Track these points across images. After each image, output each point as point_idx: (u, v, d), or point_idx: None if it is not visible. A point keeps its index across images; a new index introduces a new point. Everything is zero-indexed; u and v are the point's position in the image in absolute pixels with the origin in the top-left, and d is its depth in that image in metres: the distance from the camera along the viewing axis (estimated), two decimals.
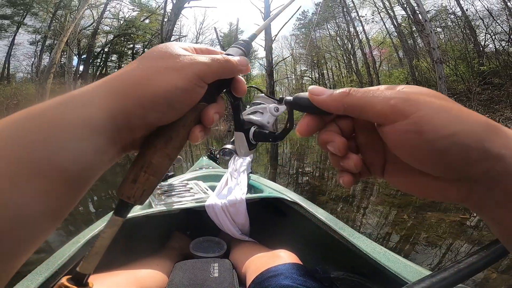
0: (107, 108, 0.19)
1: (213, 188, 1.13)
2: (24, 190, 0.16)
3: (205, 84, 0.23)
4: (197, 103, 0.24)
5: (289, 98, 0.27)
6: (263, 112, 0.31)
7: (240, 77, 0.28)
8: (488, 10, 12.88)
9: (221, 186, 1.07)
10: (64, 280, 0.21)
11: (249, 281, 0.69)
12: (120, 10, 20.82)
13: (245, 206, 0.96)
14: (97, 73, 20.58)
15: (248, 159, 1.26)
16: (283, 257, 0.72)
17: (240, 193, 0.99)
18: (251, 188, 1.23)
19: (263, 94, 0.33)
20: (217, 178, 1.36)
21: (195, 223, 1.10)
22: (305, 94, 0.25)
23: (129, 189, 0.22)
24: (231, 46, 0.30)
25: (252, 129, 0.31)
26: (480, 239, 1.94)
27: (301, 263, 0.70)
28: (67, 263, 0.64)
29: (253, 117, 0.31)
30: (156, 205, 0.93)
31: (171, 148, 0.23)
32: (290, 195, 1.00)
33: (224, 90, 0.28)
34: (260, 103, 0.32)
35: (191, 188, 1.14)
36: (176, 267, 0.78)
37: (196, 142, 0.25)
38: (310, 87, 0.24)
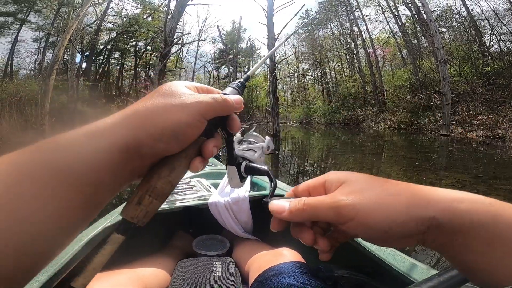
0: (122, 139, 0.22)
1: (216, 186, 1.12)
2: (47, 209, 0.19)
3: (205, 120, 0.27)
4: (198, 137, 0.27)
5: (266, 200, 0.31)
6: (256, 151, 0.36)
7: (235, 115, 0.31)
8: (494, 11, 12.76)
9: (224, 183, 1.06)
10: None
11: (252, 279, 0.69)
12: (123, 7, 20.89)
13: (248, 204, 0.95)
14: (100, 70, 20.63)
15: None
16: (286, 255, 0.72)
17: (243, 191, 0.98)
18: (254, 185, 1.23)
19: (256, 134, 0.39)
20: (220, 175, 1.35)
21: (198, 221, 1.10)
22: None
23: (134, 210, 0.24)
24: (227, 86, 0.34)
25: (244, 163, 0.35)
26: None
27: (304, 262, 0.70)
28: (70, 262, 0.65)
29: (247, 154, 0.35)
30: None
31: (174, 176, 0.26)
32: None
33: (220, 127, 0.31)
34: (253, 142, 0.37)
35: (194, 186, 1.14)
36: (179, 265, 0.78)
37: (195, 172, 0.28)
38: (270, 206, 0.29)
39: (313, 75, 28.95)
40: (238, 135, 0.44)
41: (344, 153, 6.92)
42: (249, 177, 1.13)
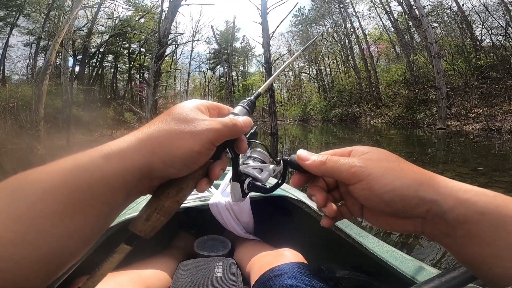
0: (137, 164, 0.24)
1: (217, 187, 1.11)
2: (68, 226, 0.21)
3: (214, 147, 0.28)
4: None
5: (286, 157, 0.34)
6: (262, 170, 0.37)
7: (243, 136, 0.32)
8: (484, 5, 12.87)
9: (225, 184, 1.05)
10: None
11: (253, 280, 0.69)
12: (115, 10, 20.73)
13: (249, 204, 0.95)
14: (93, 74, 20.47)
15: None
16: (288, 256, 0.71)
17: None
18: None
19: (265, 153, 0.39)
20: (221, 176, 1.34)
21: (199, 222, 1.09)
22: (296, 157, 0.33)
23: (142, 225, 0.26)
24: (238, 105, 0.35)
25: (247, 180, 0.36)
26: None
27: (306, 262, 0.70)
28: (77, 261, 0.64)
29: (255, 173, 0.36)
30: None
31: (181, 196, 0.28)
32: (295, 193, 0.99)
33: (228, 147, 0.32)
34: (261, 160, 0.38)
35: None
36: (180, 266, 0.78)
37: (201, 192, 0.30)
38: (299, 152, 0.33)
39: (308, 72, 29.01)
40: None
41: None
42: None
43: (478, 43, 12.86)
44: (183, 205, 0.92)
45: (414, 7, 11.55)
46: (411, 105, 13.06)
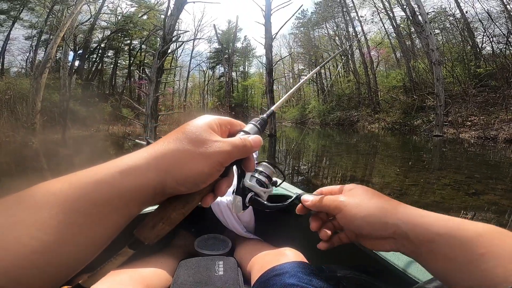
0: (152, 182, 0.25)
1: None
2: (87, 236, 0.23)
3: (223, 167, 0.30)
4: None
5: (300, 194, 0.45)
6: (267, 188, 0.41)
7: (252, 156, 0.34)
8: (487, 12, 12.96)
9: None
10: None
11: (254, 279, 0.69)
12: (118, 5, 20.64)
13: None
14: (93, 69, 20.34)
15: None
16: (289, 255, 0.71)
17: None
18: None
19: (271, 168, 0.45)
20: None
21: (200, 221, 1.09)
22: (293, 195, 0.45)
23: (147, 233, 0.28)
24: (249, 122, 0.36)
25: (249, 195, 0.39)
26: None
27: (307, 262, 0.69)
28: None
29: (259, 191, 0.40)
30: None
31: (187, 209, 0.29)
32: (296, 192, 0.99)
33: (235, 164, 0.34)
34: (267, 175, 0.42)
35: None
36: (181, 265, 0.77)
37: (206, 206, 0.32)
38: (303, 197, 0.44)
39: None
40: None
41: (339, 153, 6.95)
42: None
43: (478, 50, 12.95)
44: None
45: (417, 13, 11.61)
46: (409, 111, 13.12)
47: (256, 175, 0.40)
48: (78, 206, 0.22)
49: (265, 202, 0.39)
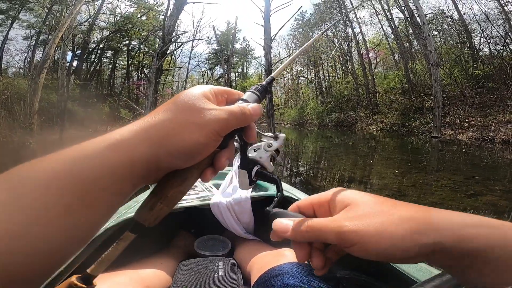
0: (143, 155, 0.23)
1: (217, 186, 1.11)
2: (75, 217, 0.20)
3: (221, 137, 0.27)
4: None
5: (268, 210, 0.35)
6: (264, 153, 0.37)
7: (253, 124, 0.31)
8: (485, 14, 13.05)
9: (226, 184, 1.06)
10: (74, 279, 0.26)
11: (253, 280, 0.69)
12: (117, 6, 20.62)
13: (250, 204, 0.95)
14: (91, 69, 20.29)
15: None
16: (288, 256, 0.71)
17: (245, 191, 0.98)
18: (256, 186, 1.23)
19: (273, 136, 0.39)
20: (222, 176, 1.34)
21: (200, 222, 1.09)
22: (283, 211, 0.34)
23: (146, 214, 0.26)
24: (248, 90, 0.33)
25: (255, 168, 0.36)
26: None
27: (306, 262, 0.70)
28: (81, 254, 0.64)
29: (264, 162, 0.36)
30: None
31: (185, 186, 0.27)
32: (296, 193, 0.99)
33: (236, 135, 0.31)
34: (268, 144, 0.38)
35: (196, 186, 1.12)
36: (181, 266, 0.77)
37: (206, 182, 0.30)
38: (274, 225, 0.30)
39: (306, 76, 29.13)
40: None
41: (338, 154, 6.97)
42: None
43: (476, 52, 13.04)
44: (183, 204, 0.92)
45: (416, 14, 11.67)
46: (407, 113, 13.17)
47: (261, 146, 0.37)
48: (64, 185, 0.20)
49: (273, 176, 0.36)
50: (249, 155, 0.37)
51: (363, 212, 0.27)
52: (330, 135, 14.00)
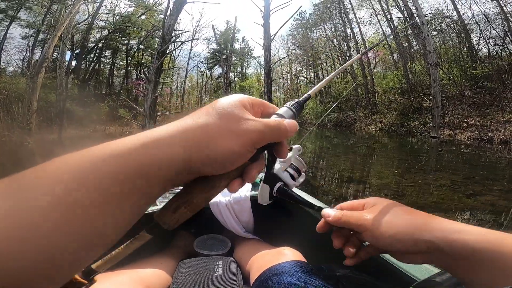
0: (178, 156, 0.23)
1: None
2: (106, 216, 0.20)
3: (255, 149, 0.27)
4: None
5: (321, 206, 0.43)
6: (295, 179, 0.39)
7: (285, 141, 0.31)
8: (484, 14, 13.08)
9: None
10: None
11: (253, 278, 0.69)
12: (117, 5, 20.57)
13: (249, 203, 0.95)
14: (90, 69, 20.24)
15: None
16: (287, 254, 0.72)
17: (244, 190, 0.98)
18: (255, 185, 1.23)
19: (302, 161, 0.41)
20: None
21: (199, 221, 1.09)
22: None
23: (167, 217, 0.26)
24: (285, 105, 0.33)
25: (278, 184, 0.37)
26: None
27: (306, 261, 0.70)
28: None
29: (288, 180, 0.38)
30: (160, 203, 0.92)
31: (211, 193, 0.27)
32: (295, 192, 0.99)
33: (266, 150, 0.31)
34: (297, 168, 0.40)
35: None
36: (180, 265, 0.77)
37: (233, 192, 0.31)
38: (323, 212, 0.42)
39: (306, 76, 29.13)
40: None
41: (337, 154, 6.98)
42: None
43: (475, 52, 13.07)
44: None
45: (415, 15, 11.69)
46: (406, 113, 13.19)
47: (287, 164, 0.37)
48: (97, 183, 0.19)
49: (294, 193, 0.37)
50: (274, 170, 0.37)
51: (379, 210, 0.37)
52: (329, 135, 14.01)
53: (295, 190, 0.40)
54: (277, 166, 0.37)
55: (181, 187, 0.27)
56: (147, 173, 0.21)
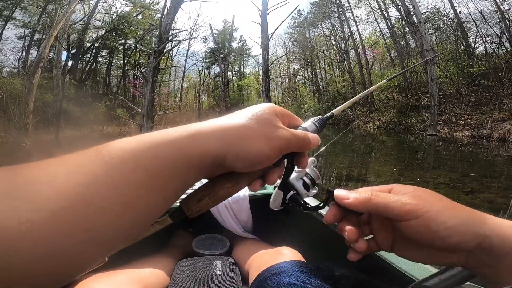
0: (215, 151, 0.25)
1: None
2: (150, 199, 0.22)
3: (281, 154, 0.30)
4: None
5: (331, 189, 0.35)
6: (309, 189, 0.39)
7: (306, 153, 0.33)
8: (480, 13, 13.13)
9: None
10: None
11: (252, 278, 0.69)
12: (113, 5, 20.45)
13: (248, 203, 0.95)
14: (86, 69, 20.13)
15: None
16: (286, 254, 0.72)
17: (243, 190, 0.97)
18: None
19: (318, 173, 0.40)
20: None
21: (198, 221, 1.08)
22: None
23: (192, 205, 0.28)
24: (310, 120, 0.36)
25: (291, 192, 0.37)
26: None
27: (304, 261, 0.70)
28: None
29: (303, 189, 0.38)
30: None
31: (234, 188, 0.29)
32: (306, 201, 0.99)
33: (288, 158, 0.33)
34: (312, 178, 0.39)
35: (194, 185, 1.12)
36: (179, 265, 0.77)
37: (254, 191, 0.32)
38: (336, 192, 0.33)
39: (304, 75, 29.14)
40: None
41: (335, 152, 6.99)
42: None
43: (472, 50, 13.12)
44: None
45: (412, 13, 11.72)
46: (403, 111, 13.24)
47: (303, 174, 0.39)
48: (150, 166, 0.21)
49: (306, 203, 0.38)
50: (289, 179, 0.38)
51: (427, 196, 0.30)
52: (328, 133, 14.01)
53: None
54: (293, 175, 0.39)
55: (206, 180, 0.29)
56: (190, 161, 0.24)
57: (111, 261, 0.27)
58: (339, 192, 0.33)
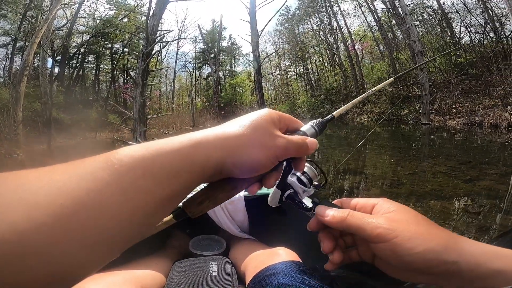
0: (216, 158, 0.27)
1: None
2: (156, 204, 0.23)
3: (278, 161, 0.31)
4: None
5: (317, 201, 0.38)
6: (305, 190, 0.40)
7: (304, 157, 0.34)
8: (463, 3, 13.34)
9: None
10: None
11: (248, 279, 0.68)
12: (96, 9, 20.14)
13: (243, 203, 0.94)
14: (74, 75, 19.82)
15: None
16: (282, 255, 0.71)
17: None
18: None
19: (315, 170, 0.42)
20: None
21: (194, 221, 1.08)
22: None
23: (193, 207, 0.31)
24: (309, 123, 0.37)
25: (288, 191, 0.39)
26: (487, 226, 1.93)
27: (301, 261, 0.69)
28: None
29: (299, 189, 0.40)
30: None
31: (233, 192, 0.31)
32: (302, 200, 0.98)
33: (285, 161, 0.34)
34: (309, 177, 0.41)
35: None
36: (175, 265, 0.77)
37: (252, 194, 0.34)
38: (317, 209, 0.36)
39: (295, 71, 29.23)
40: None
41: (331, 145, 7.01)
42: None
43: (457, 40, 13.32)
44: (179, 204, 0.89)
45: (397, 5, 11.82)
46: (396, 102, 13.40)
47: (300, 174, 0.41)
48: (157, 173, 0.22)
49: (302, 202, 0.39)
50: (287, 179, 0.40)
51: (402, 219, 0.31)
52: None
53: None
54: (291, 175, 0.40)
55: (206, 184, 0.31)
56: (194, 168, 0.25)
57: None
58: (319, 210, 0.36)
